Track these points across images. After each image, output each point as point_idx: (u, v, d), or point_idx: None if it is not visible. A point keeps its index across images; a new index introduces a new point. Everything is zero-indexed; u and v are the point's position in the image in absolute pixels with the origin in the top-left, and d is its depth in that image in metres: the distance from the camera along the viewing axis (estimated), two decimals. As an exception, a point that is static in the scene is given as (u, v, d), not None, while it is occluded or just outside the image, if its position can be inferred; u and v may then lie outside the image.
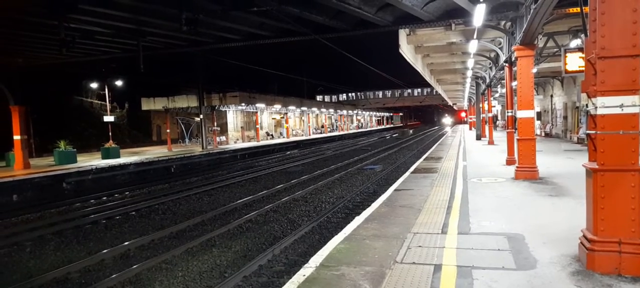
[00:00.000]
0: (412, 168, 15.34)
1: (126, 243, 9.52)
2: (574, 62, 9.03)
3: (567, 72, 9.34)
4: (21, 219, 12.95)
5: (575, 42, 12.57)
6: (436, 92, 52.83)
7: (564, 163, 14.55)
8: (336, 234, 6.80)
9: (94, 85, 39.32)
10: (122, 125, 47.94)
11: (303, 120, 57.70)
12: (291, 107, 49.04)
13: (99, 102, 46.36)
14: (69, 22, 13.38)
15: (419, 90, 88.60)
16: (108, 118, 27.73)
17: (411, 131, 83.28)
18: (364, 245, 6.05)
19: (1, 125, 22.66)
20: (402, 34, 16.63)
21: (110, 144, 25.24)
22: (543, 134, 31.31)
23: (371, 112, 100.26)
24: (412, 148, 35.12)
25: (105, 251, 9.00)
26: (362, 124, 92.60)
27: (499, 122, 46.94)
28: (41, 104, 33.48)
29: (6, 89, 20.08)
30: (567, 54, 9.13)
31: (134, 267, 7.87)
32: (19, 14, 12.85)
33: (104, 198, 16.09)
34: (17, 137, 20.25)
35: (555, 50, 15.46)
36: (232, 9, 13.41)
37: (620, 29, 4.38)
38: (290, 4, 12.87)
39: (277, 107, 45.91)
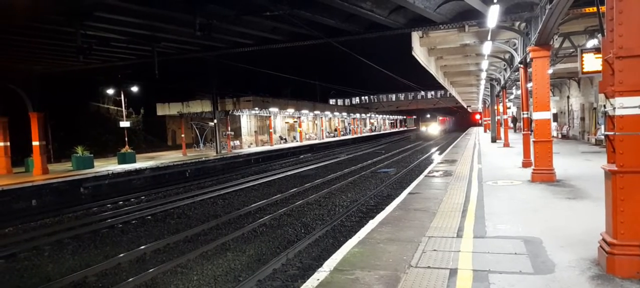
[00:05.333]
0: (426, 171, 15.23)
1: (142, 247, 9.62)
2: (591, 62, 8.87)
3: (583, 72, 9.18)
4: (40, 224, 13.19)
5: (592, 42, 12.37)
6: (450, 94, 52.43)
7: (582, 166, 14.31)
8: (350, 238, 6.78)
9: (110, 91, 39.91)
10: (138, 131, 48.50)
11: (316, 124, 57.72)
12: (304, 111, 49.12)
13: (115, 107, 47.01)
14: (86, 30, 13.62)
15: (433, 92, 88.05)
16: (124, 123, 28.11)
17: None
18: (378, 249, 6.02)
19: (20, 131, 23.13)
20: (415, 36, 16.56)
21: (126, 149, 25.59)
22: (560, 136, 30.84)
23: (384, 115, 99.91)
24: (426, 151, 34.90)
25: (121, 255, 9.12)
26: (375, 127, 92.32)
27: (518, 124, 46.14)
28: (59, 110, 34.04)
29: (25, 96, 20.49)
30: (584, 54, 8.97)
31: (150, 270, 7.96)
32: (37, 22, 13.11)
33: (121, 202, 16.30)
34: (35, 143, 20.64)
35: (572, 50, 15.23)
36: (244, 14, 13.50)
37: (638, 27, 4.29)
38: (303, 7, 12.91)
39: (290, 111, 46.03)
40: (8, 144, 21.71)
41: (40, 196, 17.05)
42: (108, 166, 23.13)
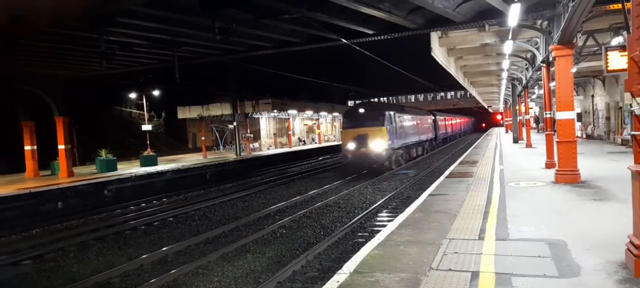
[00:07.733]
0: (446, 173, 15.07)
1: (164, 248, 9.77)
2: (616, 60, 8.65)
3: (608, 71, 8.97)
4: (66, 225, 13.51)
5: (617, 40, 12.05)
6: (470, 94, 51.77)
7: (607, 166, 13.95)
8: (370, 240, 6.75)
9: (132, 95, 40.64)
10: (159, 134, 49.28)
11: (335, 126, 57.70)
12: (323, 113, 49.16)
13: (137, 111, 47.90)
14: (109, 35, 13.92)
15: (452, 93, 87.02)
16: (146, 127, 28.64)
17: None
18: (398, 251, 5.98)
19: (46, 135, 23.74)
20: (434, 36, 16.41)
21: (149, 151, 26.03)
22: (584, 136, 30.13)
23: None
24: (446, 152, 34.52)
25: (144, 256, 9.27)
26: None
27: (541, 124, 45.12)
28: (83, 114, 34.82)
29: (51, 101, 21.03)
30: (609, 52, 8.76)
31: (172, 272, 8.07)
32: (62, 28, 13.45)
33: (143, 204, 16.58)
34: (61, 147, 21.16)
35: (596, 48, 14.88)
36: (263, 17, 13.59)
37: (666, 24, 4.17)
38: (320, 10, 12.93)
39: (309, 113, 46.13)
40: (35, 147, 22.29)
41: (66, 198, 17.46)
42: (131, 169, 23.56)
